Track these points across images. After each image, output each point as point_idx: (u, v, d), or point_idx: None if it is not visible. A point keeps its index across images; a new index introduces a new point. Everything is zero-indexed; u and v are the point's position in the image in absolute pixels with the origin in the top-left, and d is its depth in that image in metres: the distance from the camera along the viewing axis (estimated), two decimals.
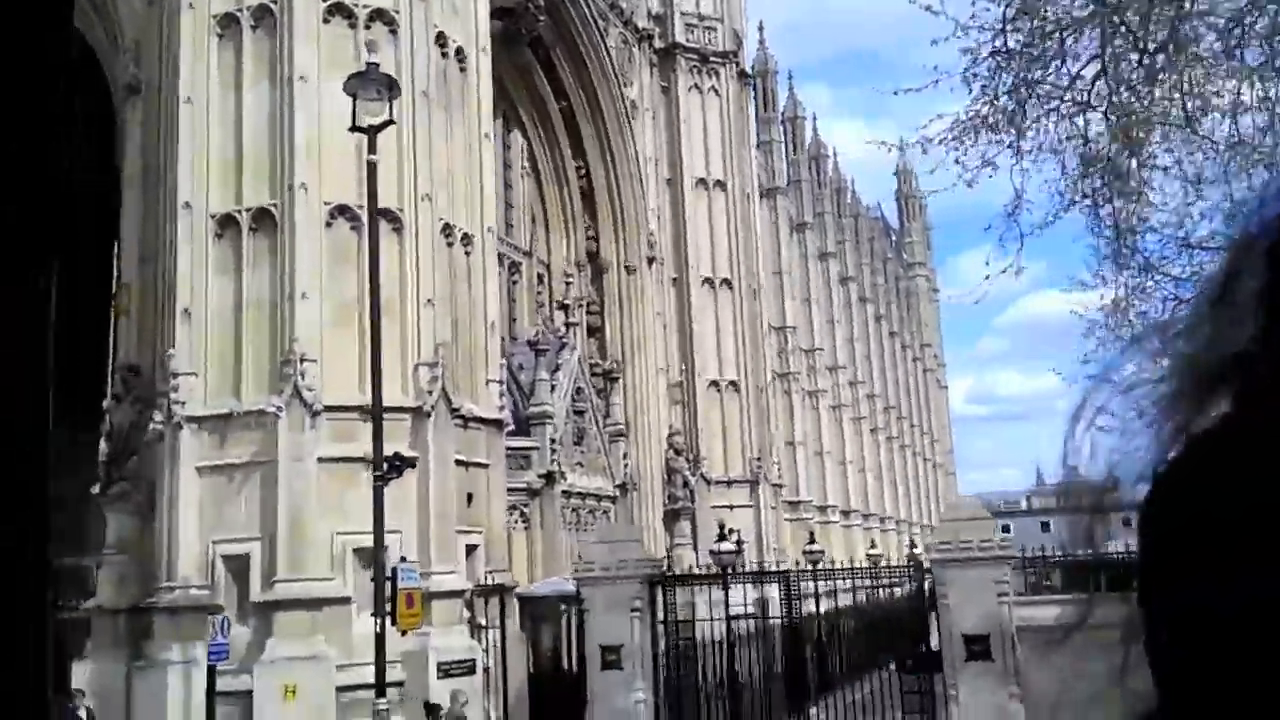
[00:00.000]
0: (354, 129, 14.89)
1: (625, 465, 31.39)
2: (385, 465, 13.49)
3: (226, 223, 18.70)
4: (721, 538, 24.02)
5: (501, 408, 20.87)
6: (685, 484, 33.94)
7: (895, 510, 67.92)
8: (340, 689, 16.69)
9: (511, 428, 22.74)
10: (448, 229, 19.91)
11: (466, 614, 18.47)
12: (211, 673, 14.26)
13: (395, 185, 19.15)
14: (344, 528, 17.54)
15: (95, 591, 19.96)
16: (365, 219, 18.73)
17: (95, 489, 20.15)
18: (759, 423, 36.94)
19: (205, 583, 17.44)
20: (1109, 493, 0.68)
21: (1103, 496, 0.68)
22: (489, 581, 18.95)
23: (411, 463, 14.68)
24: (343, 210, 18.67)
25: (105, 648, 19.68)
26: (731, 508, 34.32)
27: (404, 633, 14.40)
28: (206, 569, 17.52)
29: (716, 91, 38.36)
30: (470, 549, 19.00)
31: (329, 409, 17.70)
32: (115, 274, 21.31)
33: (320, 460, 17.51)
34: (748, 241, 38.25)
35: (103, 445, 20.19)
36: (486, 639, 18.48)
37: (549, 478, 26.56)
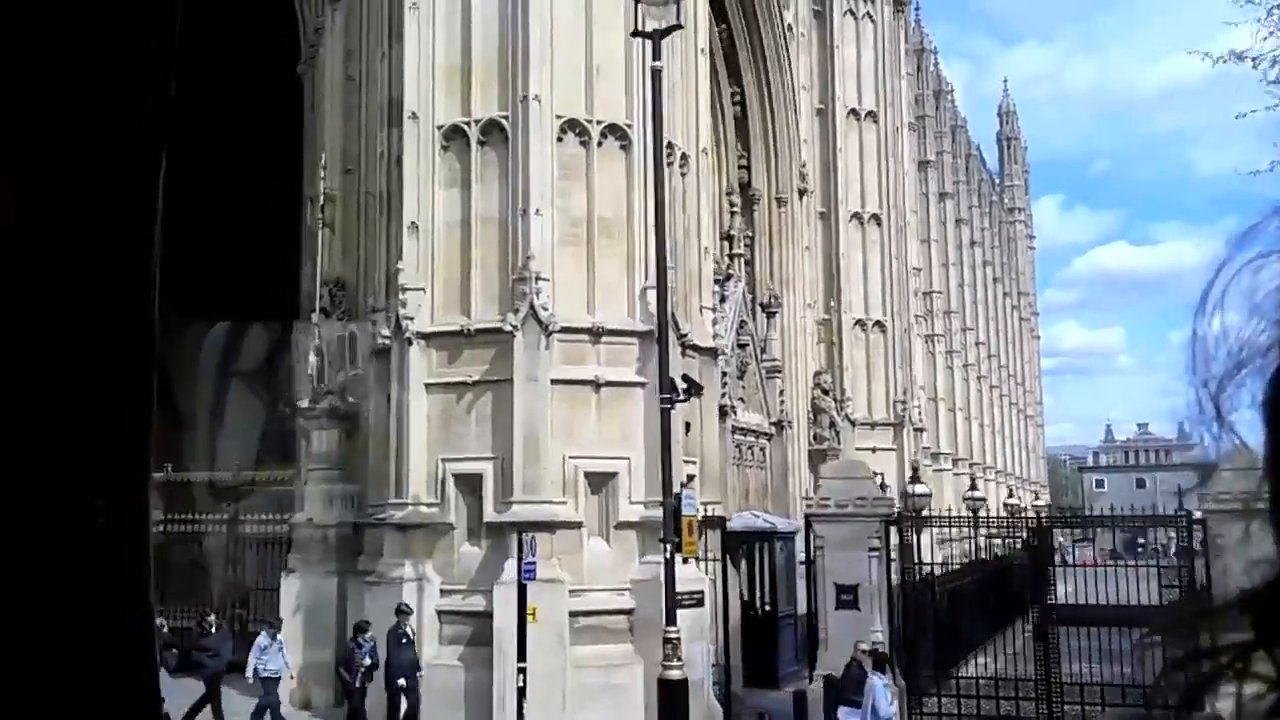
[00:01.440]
0: (636, 34, 14.12)
1: (781, 402, 30.76)
2: (673, 388, 12.92)
3: (453, 134, 18.05)
4: (915, 480, 23.36)
5: (715, 335, 20.24)
6: (831, 424, 33.25)
7: (993, 460, 66.80)
8: (571, 614, 16.42)
9: (727, 356, 22.14)
10: (669, 148, 19.10)
11: None
12: (523, 591, 13.93)
13: (623, 101, 18.40)
14: (573, 452, 17.14)
15: (303, 506, 19.88)
16: (595, 134, 18.10)
17: (303, 403, 19.96)
18: (903, 364, 36.04)
19: (434, 500, 17.17)
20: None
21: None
22: (707, 513, 18.48)
23: (699, 389, 14.11)
24: (572, 125, 17.94)
25: (314, 563, 19.64)
26: (874, 450, 33.55)
27: (685, 560, 13.98)
28: (435, 486, 17.22)
29: (871, 17, 36.83)
30: (689, 478, 18.50)
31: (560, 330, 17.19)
32: (321, 186, 20.81)
33: (552, 382, 17.04)
34: (896, 177, 36.99)
35: (311, 359, 19.92)
36: (704, 571, 18.08)
37: (721, 412, 25.97)
